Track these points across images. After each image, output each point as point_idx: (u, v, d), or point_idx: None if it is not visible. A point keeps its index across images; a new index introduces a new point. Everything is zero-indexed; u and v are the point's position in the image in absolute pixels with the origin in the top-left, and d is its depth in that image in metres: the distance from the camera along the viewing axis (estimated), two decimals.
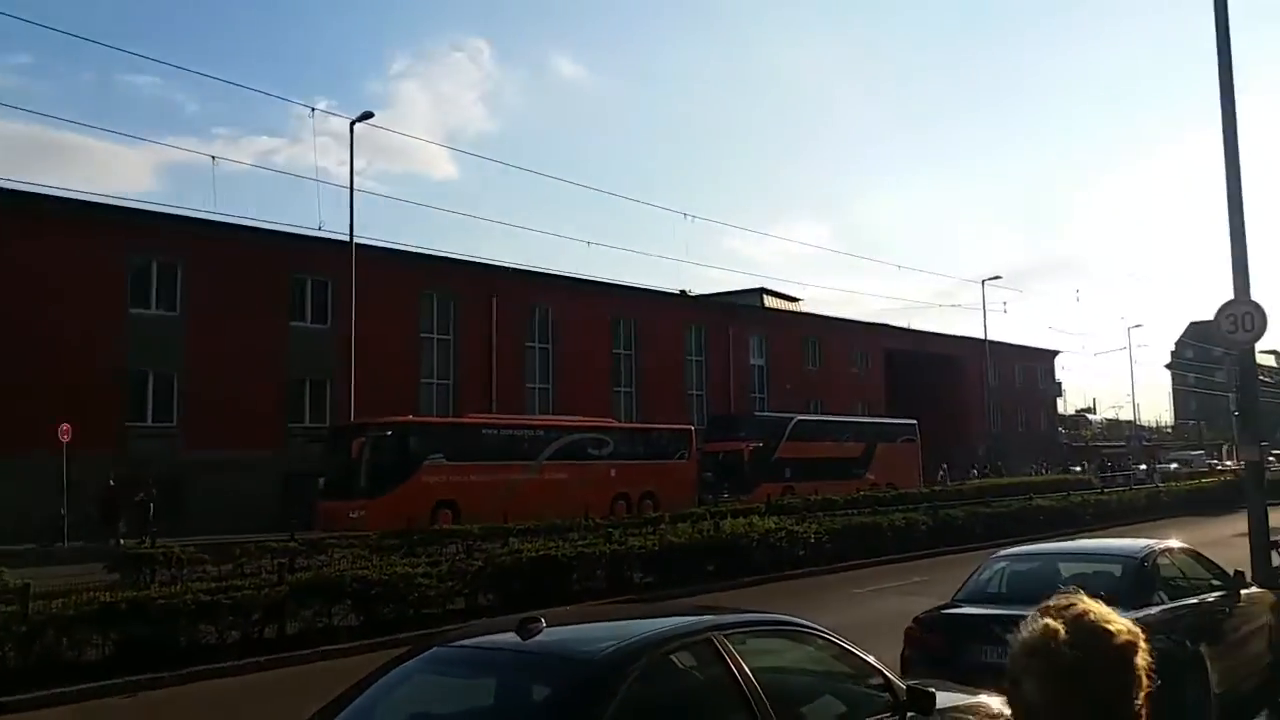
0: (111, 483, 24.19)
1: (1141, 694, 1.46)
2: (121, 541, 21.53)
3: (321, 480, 26.35)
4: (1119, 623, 1.49)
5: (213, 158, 77.29)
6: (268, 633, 11.62)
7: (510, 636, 4.03)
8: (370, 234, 39.79)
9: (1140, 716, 1.46)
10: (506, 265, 37.93)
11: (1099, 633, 1.46)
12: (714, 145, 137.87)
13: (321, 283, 32.64)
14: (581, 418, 33.17)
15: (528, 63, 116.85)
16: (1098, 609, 1.50)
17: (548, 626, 4.05)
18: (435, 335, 36.55)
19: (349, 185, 30.99)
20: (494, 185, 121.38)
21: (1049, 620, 1.48)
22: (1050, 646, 1.44)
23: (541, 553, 14.86)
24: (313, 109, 55.74)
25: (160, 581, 11.87)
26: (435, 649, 4.44)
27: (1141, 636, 1.48)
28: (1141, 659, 1.47)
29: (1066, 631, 1.44)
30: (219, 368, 29.38)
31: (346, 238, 30.40)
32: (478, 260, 37.11)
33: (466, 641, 4.60)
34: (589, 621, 5.33)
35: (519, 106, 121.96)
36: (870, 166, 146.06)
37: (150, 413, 29.35)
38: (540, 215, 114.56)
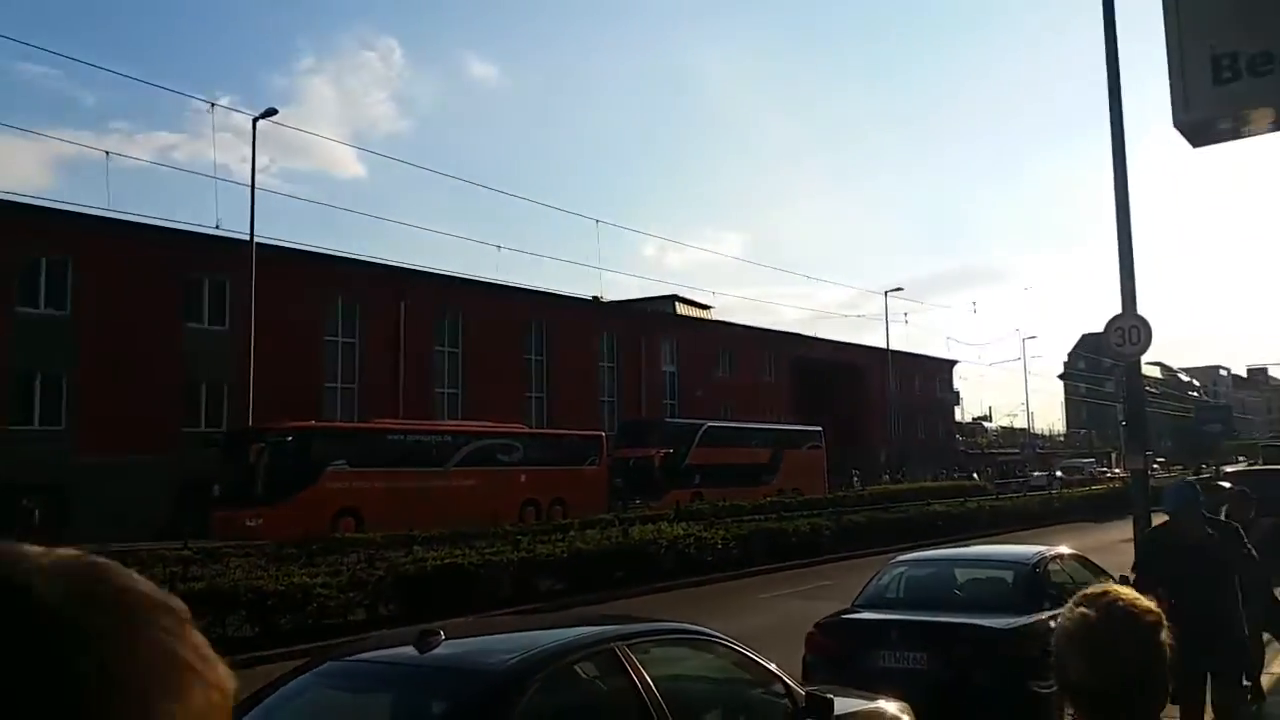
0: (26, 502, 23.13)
1: (1165, 665, 1.70)
2: None
3: (217, 487, 25.46)
4: (1144, 604, 1.73)
5: (106, 153, 74.30)
6: None
7: (407, 650, 3.94)
8: (273, 234, 38.77)
9: (1165, 682, 1.73)
10: (415, 268, 37.33)
11: (1129, 614, 1.69)
12: (629, 152, 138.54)
13: (220, 283, 31.58)
14: (491, 423, 32.79)
15: (440, 63, 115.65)
16: (1126, 594, 1.74)
17: (447, 639, 3.96)
18: (340, 338, 35.72)
19: (250, 183, 30.07)
20: (404, 186, 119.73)
21: (1084, 609, 1.71)
22: (1089, 630, 1.67)
23: (447, 561, 14.60)
24: (212, 104, 53.72)
25: None
26: (329, 663, 4.31)
27: (1163, 616, 1.71)
28: (1165, 635, 1.70)
29: (1100, 616, 1.68)
30: (110, 370, 28.18)
31: (247, 237, 29.47)
32: (385, 262, 36.42)
33: (362, 655, 4.48)
34: (490, 633, 5.25)
35: (430, 107, 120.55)
36: (785, 179, 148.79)
37: (37, 416, 27.99)
38: (451, 218, 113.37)
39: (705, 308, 56.63)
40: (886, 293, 57.55)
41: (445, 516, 22.33)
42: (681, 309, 54.91)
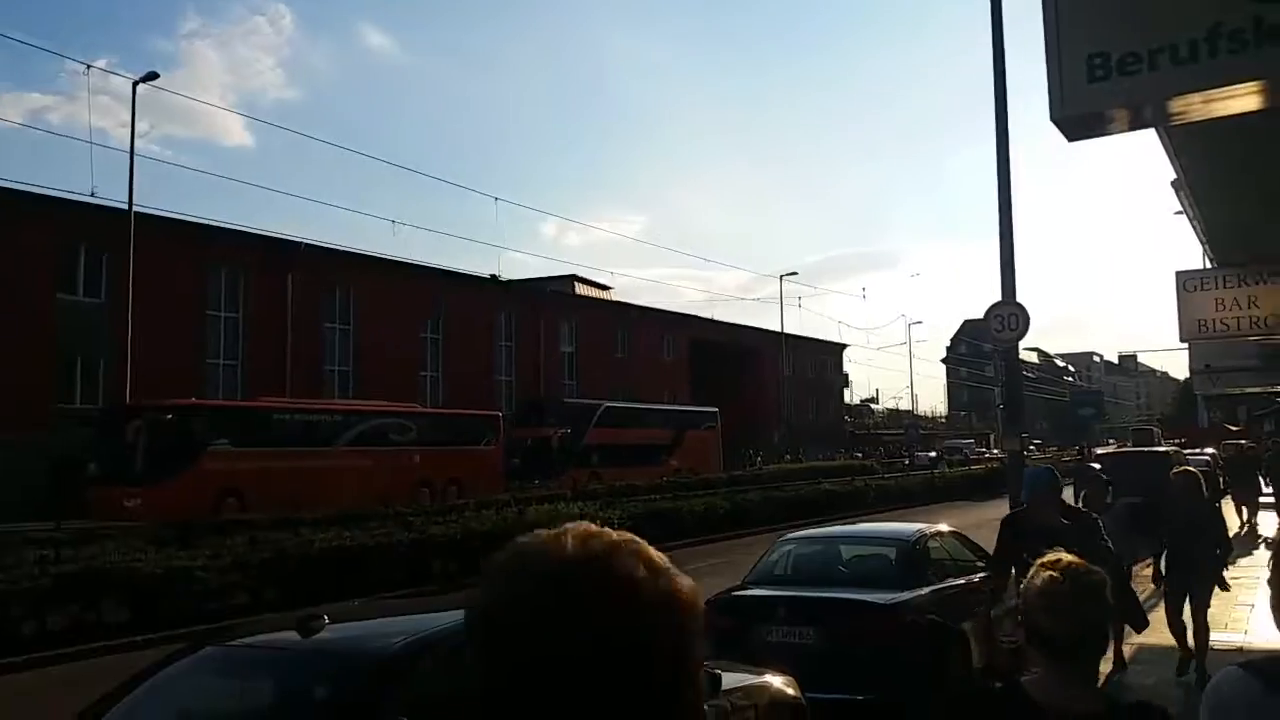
0: None
1: (1109, 618, 2.23)
2: None
3: (93, 466, 24.33)
4: (1093, 567, 2.18)
5: None
6: (27, 630, 10.63)
7: (290, 634, 3.84)
8: (155, 203, 37.00)
9: (1107, 632, 2.34)
10: (305, 241, 36.20)
11: (1087, 577, 2.13)
12: (531, 130, 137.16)
13: (96, 254, 30.05)
14: (384, 403, 32.15)
15: (333, 31, 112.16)
16: (1075, 560, 2.17)
17: (331, 622, 3.88)
18: (223, 313, 34.46)
19: (129, 150, 28.60)
20: (294, 157, 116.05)
21: (1051, 573, 2.12)
22: (1055, 591, 2.09)
23: (335, 543, 14.28)
24: (88, 65, 50.85)
25: None
26: (208, 648, 4.18)
27: (1105, 575, 2.18)
28: (1109, 591, 2.15)
29: (1065, 579, 2.10)
30: None
31: (126, 205, 28.04)
32: (273, 235, 35.27)
33: (243, 640, 4.35)
34: (377, 616, 5.15)
35: (323, 76, 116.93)
36: (686, 163, 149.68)
37: None
38: (344, 191, 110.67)
39: (605, 288, 56.67)
40: (781, 277, 58.70)
41: (334, 498, 21.85)
42: (581, 289, 54.82)
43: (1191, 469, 8.72)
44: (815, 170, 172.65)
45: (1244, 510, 20.60)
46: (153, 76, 29.16)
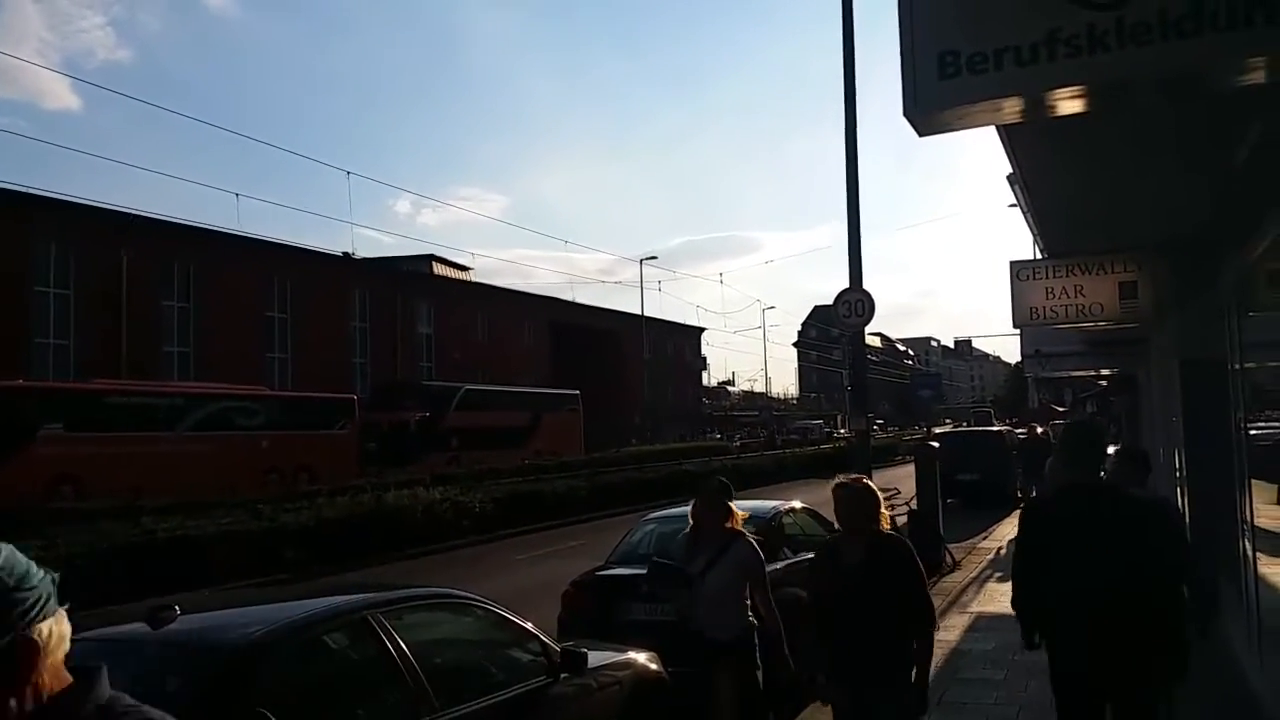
0: None
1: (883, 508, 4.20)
2: None
3: None
4: (866, 479, 4.21)
5: None
6: None
7: (138, 626, 3.66)
8: None
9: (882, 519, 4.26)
10: (140, 213, 34.08)
11: (860, 481, 4.29)
12: (384, 102, 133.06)
13: None
14: (228, 385, 30.73)
15: None
16: (861, 477, 4.26)
17: (182, 614, 3.72)
18: (52, 289, 32.21)
19: None
20: (127, 124, 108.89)
21: (842, 479, 4.21)
22: (847, 486, 4.18)
23: (179, 532, 13.64)
24: None
25: None
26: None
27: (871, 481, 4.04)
28: (878, 492, 4.25)
29: (851, 480, 4.20)
30: None
31: None
32: (105, 206, 33.03)
33: (88, 634, 4.11)
34: (231, 607, 4.96)
35: (156, 36, 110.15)
36: (549, 144, 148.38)
37: None
38: (183, 162, 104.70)
39: (464, 269, 55.81)
40: (641, 261, 59.17)
41: (177, 485, 20.82)
42: (439, 269, 53.81)
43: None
44: (673, 158, 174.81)
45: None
46: None
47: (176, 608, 3.75)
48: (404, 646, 3.89)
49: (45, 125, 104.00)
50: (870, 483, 4.27)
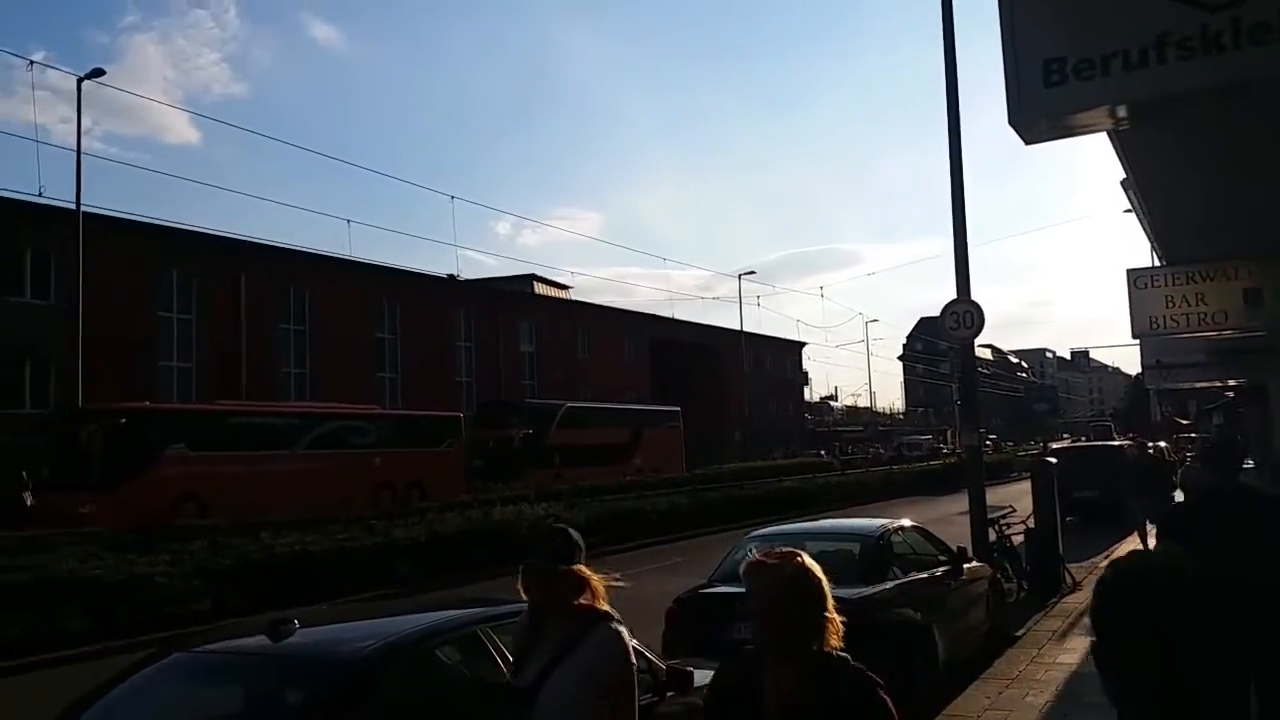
0: None
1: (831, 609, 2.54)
2: None
3: (46, 472, 23.82)
4: (803, 557, 2.56)
5: None
6: None
7: (260, 639, 3.82)
8: (99, 201, 36.21)
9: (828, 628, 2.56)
10: (257, 241, 35.70)
11: (794, 561, 2.55)
12: (484, 127, 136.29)
13: (43, 254, 29.44)
14: (342, 405, 31.81)
15: (277, 23, 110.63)
16: (795, 553, 2.59)
17: (301, 627, 3.86)
18: (175, 314, 33.91)
19: (76, 148, 28.00)
20: (242, 154, 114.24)
21: (762, 556, 2.57)
22: (768, 569, 2.52)
23: (298, 548, 14.16)
24: (31, 62, 49.89)
25: None
26: (176, 655, 4.14)
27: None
28: (821, 579, 2.53)
29: (778, 559, 2.54)
30: None
31: (71, 204, 27.48)
32: (224, 235, 34.67)
33: (212, 646, 4.31)
34: (347, 620, 5.13)
35: (268, 70, 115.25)
36: (644, 162, 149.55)
37: None
38: (295, 190, 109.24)
39: (564, 287, 56.59)
40: (740, 276, 59.02)
41: (295, 502, 21.57)
42: (540, 288, 54.69)
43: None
44: (769, 172, 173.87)
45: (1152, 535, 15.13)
46: (99, 73, 28.58)
47: (296, 621, 3.90)
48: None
49: (167, 158, 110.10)
50: (810, 564, 2.52)
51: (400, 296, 42.01)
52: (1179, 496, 16.18)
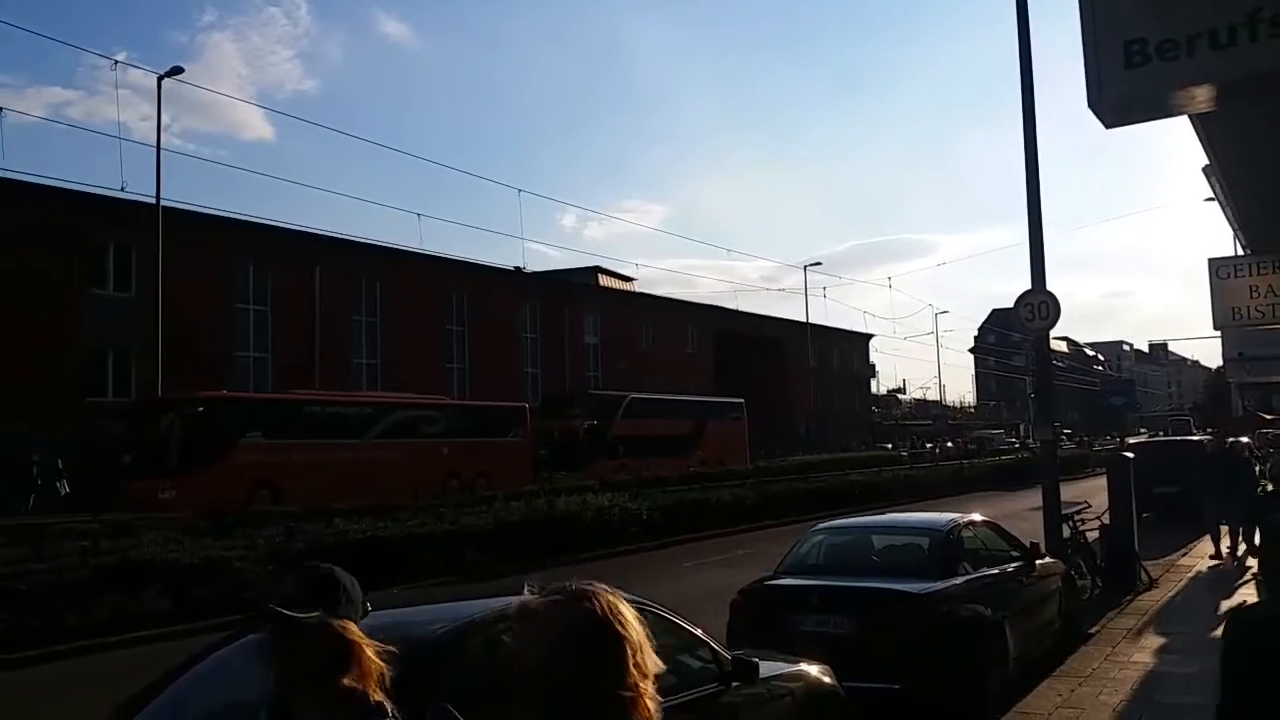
0: (35, 459, 23.54)
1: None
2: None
3: (128, 459, 24.68)
4: (607, 593, 1.51)
5: (1, 109, 70.64)
6: (71, 620, 10.83)
7: None
8: (177, 196, 37.24)
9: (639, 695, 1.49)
10: (330, 234, 36.48)
11: (592, 595, 1.48)
12: (549, 119, 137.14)
13: (125, 248, 30.46)
14: (412, 394, 32.38)
15: (349, 20, 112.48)
16: (593, 589, 1.51)
17: (374, 609, 3.93)
18: (251, 306, 34.81)
19: (155, 144, 28.89)
20: (314, 149, 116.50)
21: (536, 598, 1.51)
22: (535, 613, 1.45)
23: (369, 533, 14.45)
24: (115, 61, 51.35)
25: None
26: (253, 635, 4.25)
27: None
28: (629, 627, 1.47)
29: (559, 600, 1.48)
30: (10, 335, 27.02)
31: (151, 199, 28.36)
32: (298, 228, 35.47)
33: None
34: (418, 603, 5.23)
35: (339, 66, 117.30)
36: (707, 152, 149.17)
37: None
38: (366, 184, 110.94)
39: (628, 279, 56.74)
40: (805, 267, 58.46)
41: (366, 489, 21.99)
42: (604, 280, 54.89)
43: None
44: (836, 162, 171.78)
45: (1226, 535, 14.27)
46: (177, 71, 29.42)
47: (368, 603, 3.98)
48: None
49: (243, 154, 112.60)
50: (613, 608, 1.46)
51: (468, 289, 42.55)
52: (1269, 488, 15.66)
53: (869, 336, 75.01)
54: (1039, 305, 11.78)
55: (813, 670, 5.39)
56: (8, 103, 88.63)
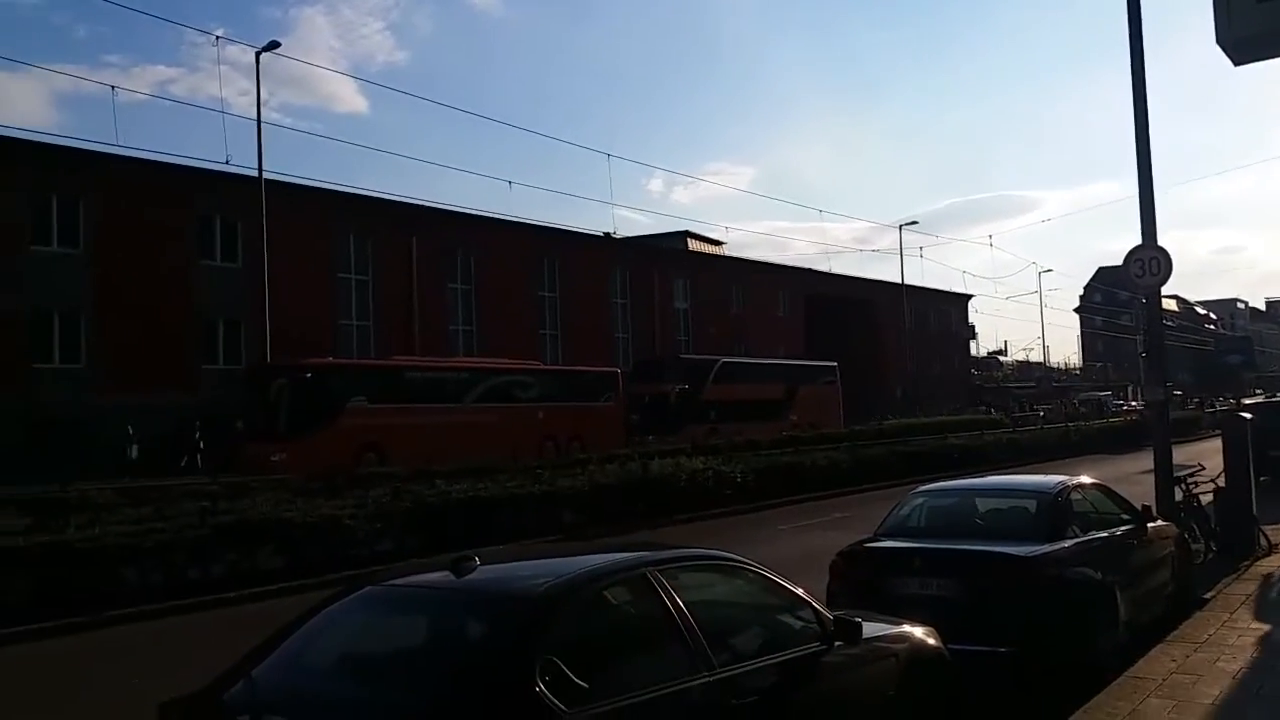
0: (197, 424, 24.94)
1: None
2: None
3: (240, 423, 25.77)
4: None
5: (113, 87, 73.75)
6: (192, 575, 11.41)
7: (444, 575, 4.00)
8: (277, 169, 38.30)
9: None
10: (425, 204, 37.15)
11: None
12: (637, 84, 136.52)
13: (231, 220, 31.58)
14: (507, 360, 32.94)
15: None
16: None
17: (481, 565, 4.03)
18: (353, 275, 35.78)
19: (256, 118, 29.79)
20: (406, 120, 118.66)
21: None
22: None
23: (471, 494, 14.82)
24: (216, 37, 53.53)
25: (77, 526, 11.50)
26: (367, 588, 4.40)
27: None
28: None
29: None
30: (127, 307, 28.43)
31: (254, 172, 29.30)
32: (395, 198, 36.23)
33: (399, 580, 4.57)
34: (523, 559, 5.33)
35: (429, 37, 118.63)
36: (796, 112, 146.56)
37: (57, 353, 28.27)
38: (458, 152, 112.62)
39: (717, 243, 56.35)
40: (901, 226, 57.12)
41: (465, 452, 22.50)
42: (694, 245, 54.67)
43: None
44: (929, 117, 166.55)
45: None
46: (274, 45, 30.16)
47: (477, 559, 4.07)
48: (681, 604, 4.00)
49: (337, 126, 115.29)
50: None
51: (559, 255, 42.89)
52: None
53: (968, 297, 73.16)
54: (1149, 260, 11.31)
55: (917, 632, 5.33)
56: (117, 82, 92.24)
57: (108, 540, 10.87)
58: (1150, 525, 8.47)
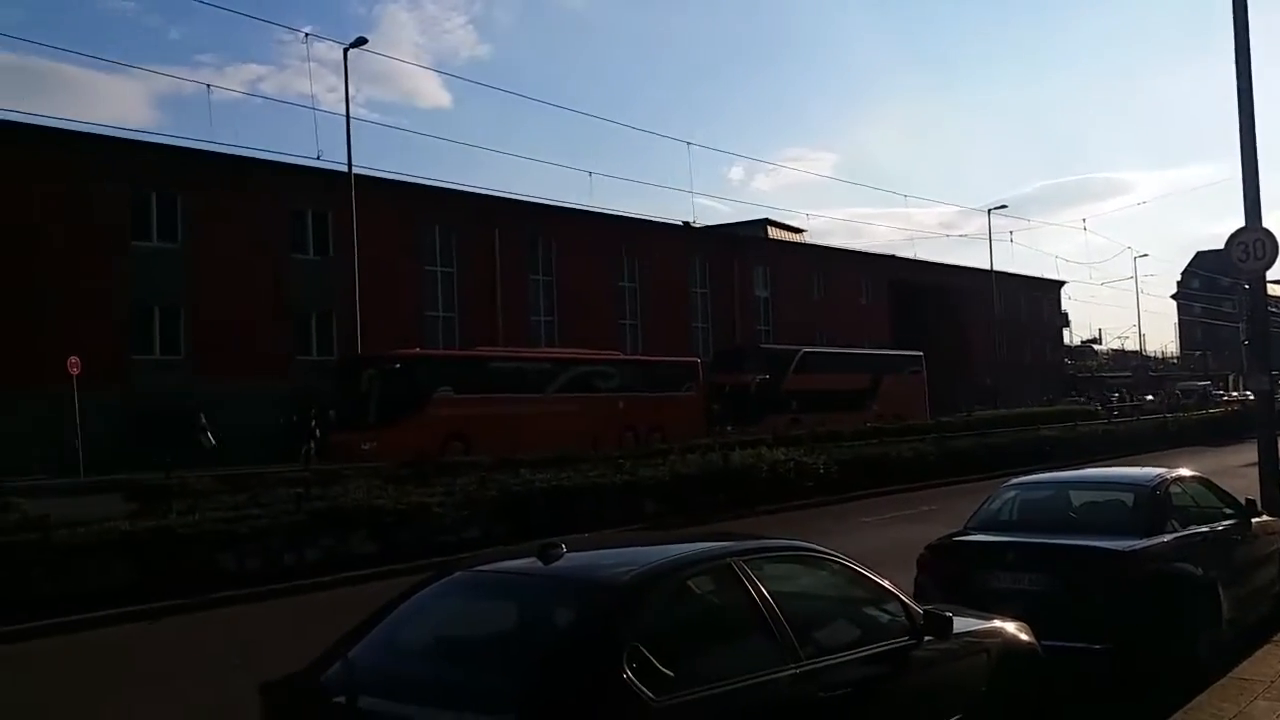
0: (313, 412, 25.59)
1: None
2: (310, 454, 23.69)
3: (333, 413, 26.53)
4: None
5: (208, 86, 76.29)
6: (288, 560, 11.79)
7: (532, 561, 4.06)
8: (363, 163, 39.16)
9: None
10: (507, 196, 37.62)
11: None
12: (716, 71, 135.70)
13: (321, 214, 32.46)
14: (588, 350, 33.20)
15: None
16: None
17: (568, 552, 4.08)
18: (439, 267, 36.45)
19: (345, 114, 30.50)
20: (489, 113, 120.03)
21: None
22: None
23: (554, 483, 15.00)
24: (306, 34, 55.08)
25: (179, 511, 11.99)
26: (458, 574, 4.48)
27: None
28: None
29: None
30: (223, 300, 29.49)
31: (343, 168, 30.06)
32: (478, 191, 36.84)
33: (488, 566, 4.65)
34: (609, 547, 5.38)
35: (511, 30, 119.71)
36: (876, 95, 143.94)
37: (158, 345, 29.48)
38: (539, 144, 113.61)
39: (798, 231, 55.79)
40: (989, 210, 55.72)
41: (547, 441, 22.80)
42: (773, 232, 54.23)
43: None
44: (1017, 97, 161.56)
45: None
46: (362, 42, 30.85)
47: (563, 546, 4.12)
48: (766, 594, 3.98)
49: (422, 121, 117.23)
50: None
51: (639, 245, 43.00)
52: None
53: (1061, 283, 71.06)
54: (1254, 244, 10.87)
55: (1009, 627, 5.21)
56: (211, 81, 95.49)
57: (207, 526, 11.30)
58: (1255, 520, 8.16)
